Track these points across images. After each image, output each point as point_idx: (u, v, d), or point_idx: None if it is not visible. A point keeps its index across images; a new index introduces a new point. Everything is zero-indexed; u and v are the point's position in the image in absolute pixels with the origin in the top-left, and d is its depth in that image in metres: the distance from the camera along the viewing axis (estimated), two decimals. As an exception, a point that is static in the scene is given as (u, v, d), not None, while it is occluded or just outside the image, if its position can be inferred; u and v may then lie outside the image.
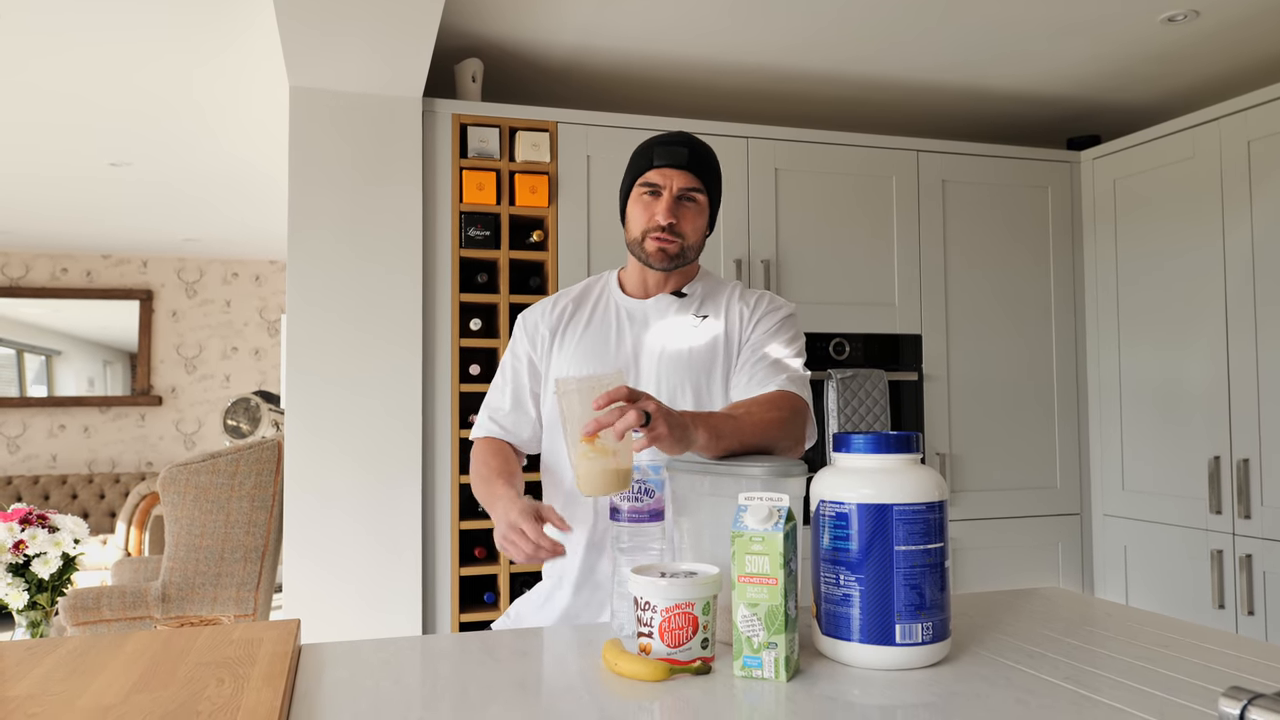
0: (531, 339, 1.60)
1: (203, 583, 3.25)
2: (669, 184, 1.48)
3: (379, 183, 2.69)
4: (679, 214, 1.49)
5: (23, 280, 6.12)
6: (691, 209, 1.50)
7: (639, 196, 1.51)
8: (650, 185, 1.49)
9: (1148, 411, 3.14)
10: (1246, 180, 2.81)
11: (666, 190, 1.48)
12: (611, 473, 1.19)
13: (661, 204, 1.48)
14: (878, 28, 2.77)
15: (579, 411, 1.20)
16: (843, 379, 3.03)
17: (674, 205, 1.48)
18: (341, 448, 2.63)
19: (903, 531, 1.07)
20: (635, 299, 1.57)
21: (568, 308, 1.60)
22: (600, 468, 1.19)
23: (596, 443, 1.18)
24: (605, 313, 1.58)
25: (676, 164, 1.47)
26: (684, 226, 1.49)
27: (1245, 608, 2.77)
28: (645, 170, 1.49)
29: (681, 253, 1.50)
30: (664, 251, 1.49)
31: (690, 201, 1.50)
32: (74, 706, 0.93)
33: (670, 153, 1.48)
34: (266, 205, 4.98)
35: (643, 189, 1.50)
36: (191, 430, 6.35)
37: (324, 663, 1.14)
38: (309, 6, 2.20)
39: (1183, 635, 1.23)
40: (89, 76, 3.12)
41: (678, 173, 1.48)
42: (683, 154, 1.48)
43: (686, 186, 1.48)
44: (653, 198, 1.49)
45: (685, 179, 1.48)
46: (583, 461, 1.19)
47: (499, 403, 1.62)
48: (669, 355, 1.51)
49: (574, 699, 1.01)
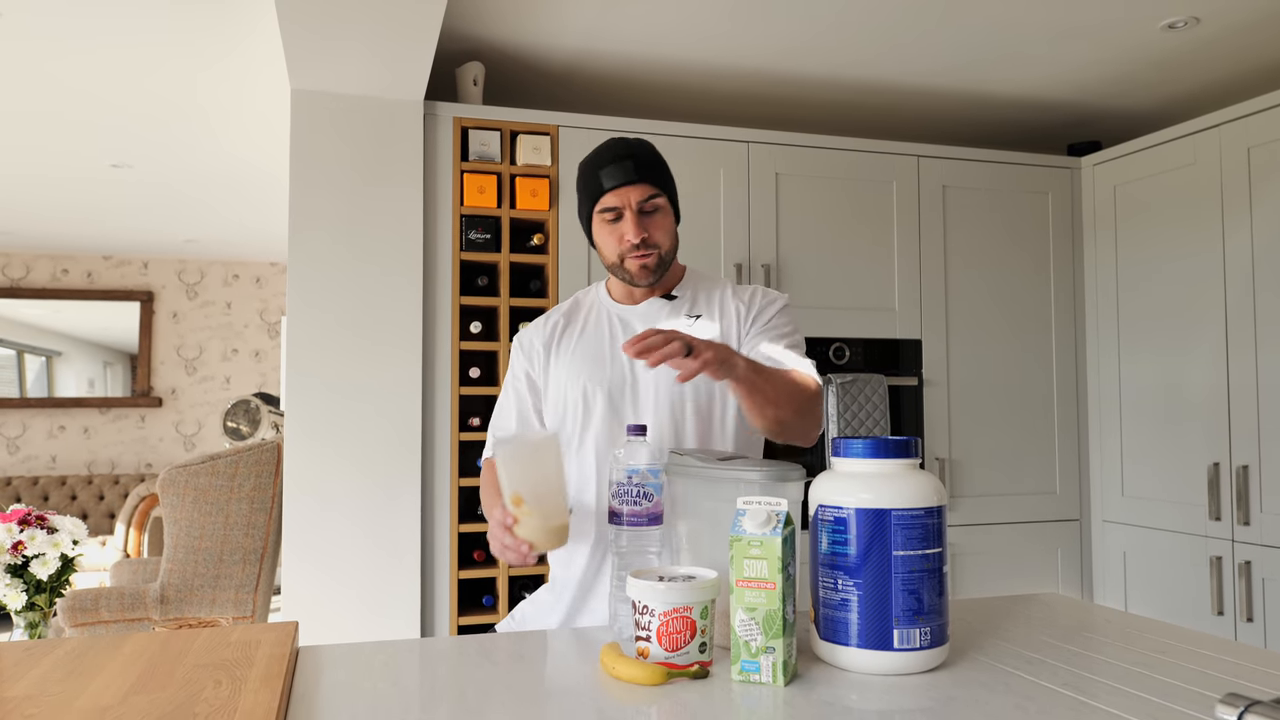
0: (529, 357, 1.61)
1: (201, 584, 3.25)
2: (627, 201, 1.45)
3: (380, 185, 2.70)
4: (647, 226, 1.47)
5: (23, 281, 6.12)
6: (657, 216, 1.49)
7: (602, 223, 1.49)
8: (609, 209, 1.47)
9: (1147, 417, 3.14)
10: (1247, 187, 2.81)
11: (627, 209, 1.46)
12: (540, 530, 1.24)
13: (627, 224, 1.46)
14: (877, 32, 2.77)
15: (510, 472, 1.25)
16: (842, 383, 3.03)
17: (639, 221, 1.46)
18: (341, 450, 2.63)
19: (901, 536, 1.07)
20: (625, 305, 1.57)
21: (559, 322, 1.61)
22: (540, 525, 1.24)
23: (523, 506, 1.23)
24: (598, 320, 1.58)
25: (627, 180, 1.45)
26: (656, 237, 1.48)
27: (1244, 614, 2.76)
28: (599, 195, 1.47)
29: (661, 261, 1.49)
30: (645, 267, 1.48)
31: (653, 210, 1.48)
32: (71, 707, 0.93)
33: (617, 171, 1.45)
34: (267, 207, 4.98)
35: (603, 214, 1.48)
36: (191, 432, 6.35)
37: (322, 665, 1.14)
38: (311, 10, 2.21)
39: (1181, 642, 1.23)
40: (91, 79, 3.12)
41: (631, 188, 1.45)
42: (629, 168, 1.45)
43: (644, 197, 1.46)
44: (616, 221, 1.48)
45: (640, 191, 1.46)
46: (521, 525, 1.24)
47: (504, 423, 1.64)
48: None
49: (571, 702, 1.01)
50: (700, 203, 3.01)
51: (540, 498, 1.24)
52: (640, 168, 1.46)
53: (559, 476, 1.28)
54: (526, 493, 1.24)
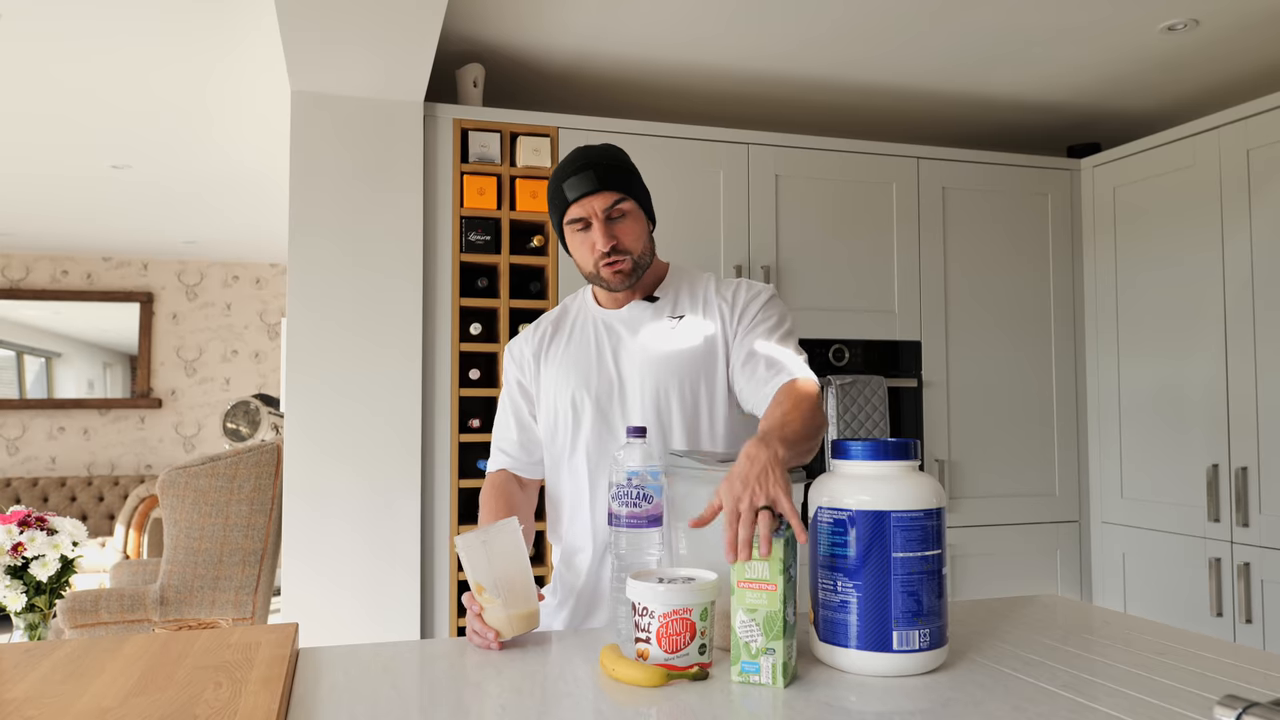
0: (520, 366, 1.63)
1: (201, 586, 3.25)
2: (592, 211, 1.46)
3: (380, 187, 2.70)
4: (615, 233, 1.47)
5: (23, 282, 6.12)
6: (625, 221, 1.48)
7: (572, 234, 1.50)
8: (577, 220, 1.47)
9: (1146, 419, 3.14)
10: (1246, 189, 2.81)
11: (593, 218, 1.46)
12: (504, 620, 1.24)
13: (595, 233, 1.46)
14: (877, 34, 2.78)
15: (469, 562, 1.25)
16: (842, 385, 3.03)
17: (607, 228, 1.46)
18: (341, 451, 2.63)
19: (901, 538, 1.07)
20: (610, 310, 1.58)
21: (548, 330, 1.62)
22: (503, 615, 1.24)
23: (484, 594, 1.24)
24: (584, 327, 1.59)
25: (590, 190, 1.45)
26: (626, 242, 1.48)
27: (1243, 616, 2.77)
28: (565, 207, 1.48)
29: (635, 266, 1.49)
30: (620, 273, 1.48)
31: (620, 216, 1.48)
32: (72, 709, 0.94)
33: (579, 182, 1.45)
34: (267, 208, 4.98)
35: (572, 226, 1.49)
36: (191, 433, 6.35)
37: (322, 667, 1.14)
38: (311, 11, 2.21)
39: (1180, 643, 1.23)
40: (90, 79, 3.13)
41: (594, 197, 1.45)
42: (591, 177, 1.45)
43: (608, 205, 1.46)
44: (585, 231, 1.48)
45: (604, 199, 1.46)
46: (486, 613, 1.24)
47: (505, 433, 1.65)
48: (651, 361, 1.51)
49: (571, 704, 1.01)
50: (700, 204, 3.01)
51: (501, 587, 1.24)
52: (601, 176, 1.46)
53: (519, 564, 1.27)
54: (488, 583, 1.24)
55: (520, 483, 1.64)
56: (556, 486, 1.58)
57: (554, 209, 1.51)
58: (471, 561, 1.25)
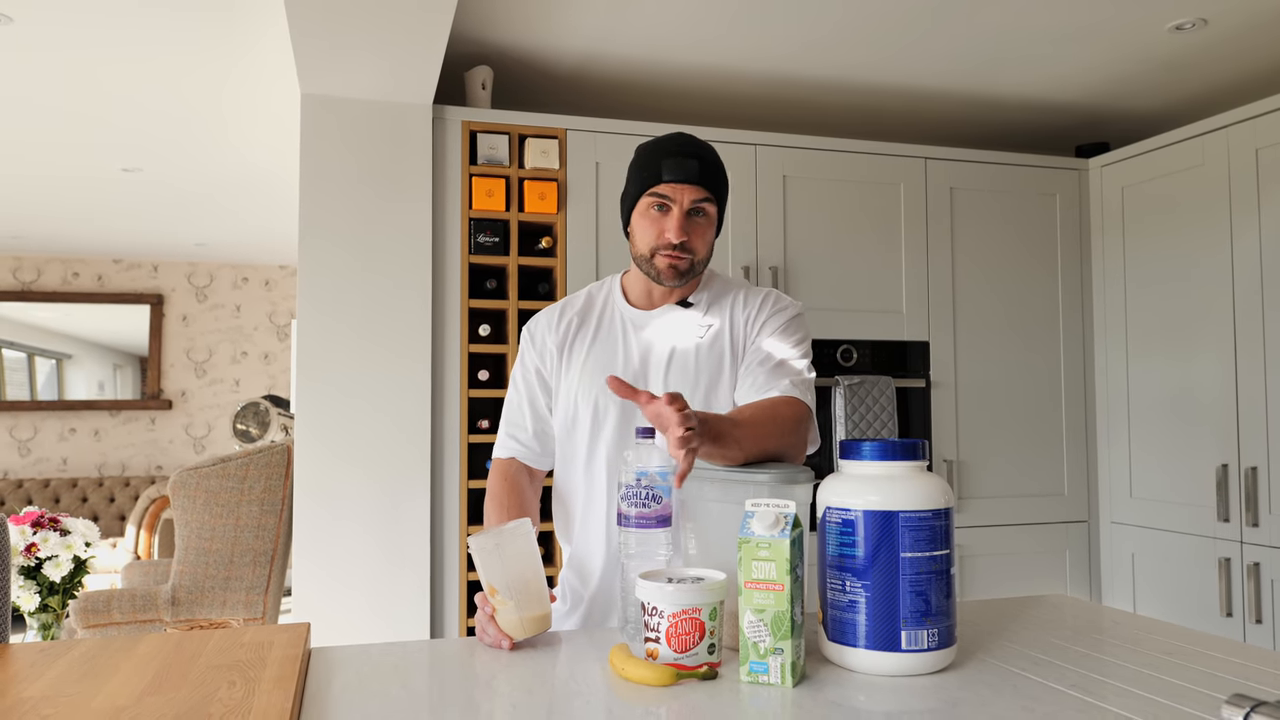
0: (540, 353, 1.57)
1: (212, 586, 3.27)
2: (679, 199, 1.42)
3: (389, 189, 2.71)
4: (689, 229, 1.44)
5: (34, 284, 6.16)
6: (701, 222, 1.45)
7: (646, 210, 1.45)
8: (659, 198, 1.43)
9: (1156, 419, 3.13)
10: (1255, 188, 2.81)
11: (677, 206, 1.42)
12: (516, 623, 1.24)
13: (672, 220, 1.42)
14: (884, 34, 2.78)
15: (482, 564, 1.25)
16: (850, 385, 3.03)
17: (684, 221, 1.42)
18: (350, 452, 2.64)
19: (909, 538, 1.08)
20: (640, 309, 1.54)
21: (573, 321, 1.56)
22: (516, 618, 1.24)
23: (497, 595, 1.23)
24: (611, 325, 1.54)
25: (688, 178, 1.41)
26: (694, 242, 1.44)
27: (1253, 616, 2.76)
28: (654, 183, 1.42)
29: (691, 268, 1.46)
30: (675, 269, 1.45)
31: (700, 215, 1.45)
32: (88, 708, 0.95)
33: (681, 166, 1.41)
34: (277, 210, 5.00)
35: (651, 201, 1.44)
36: (201, 434, 6.37)
37: (334, 666, 1.15)
38: (321, 15, 2.22)
39: (1189, 643, 1.23)
40: (101, 83, 3.14)
41: (688, 187, 1.41)
42: (694, 167, 1.41)
43: (697, 199, 1.43)
44: (661, 213, 1.43)
45: (696, 192, 1.42)
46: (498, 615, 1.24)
47: (518, 419, 1.60)
48: (676, 365, 1.49)
49: (581, 703, 1.02)
50: (707, 205, 3.01)
51: (514, 590, 1.24)
52: (704, 171, 1.43)
53: (532, 566, 1.26)
54: (501, 586, 1.23)
55: (530, 473, 1.60)
56: (567, 484, 1.55)
57: (638, 179, 1.46)
58: (485, 564, 1.24)
